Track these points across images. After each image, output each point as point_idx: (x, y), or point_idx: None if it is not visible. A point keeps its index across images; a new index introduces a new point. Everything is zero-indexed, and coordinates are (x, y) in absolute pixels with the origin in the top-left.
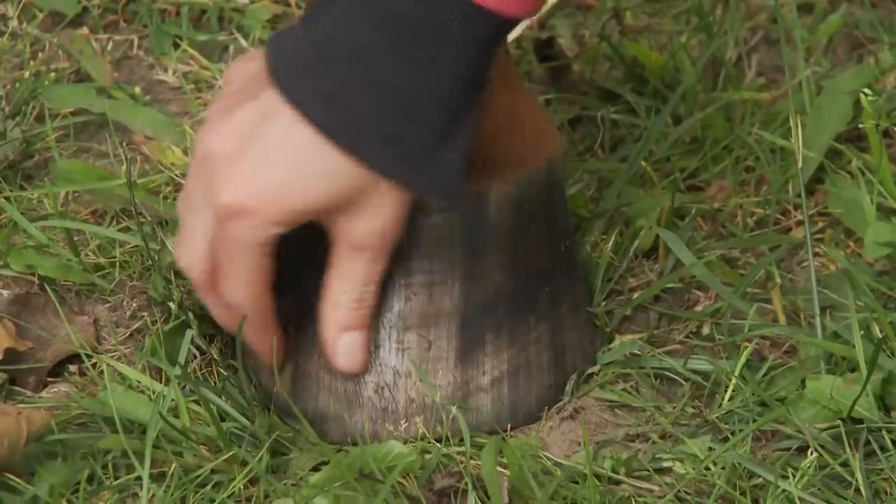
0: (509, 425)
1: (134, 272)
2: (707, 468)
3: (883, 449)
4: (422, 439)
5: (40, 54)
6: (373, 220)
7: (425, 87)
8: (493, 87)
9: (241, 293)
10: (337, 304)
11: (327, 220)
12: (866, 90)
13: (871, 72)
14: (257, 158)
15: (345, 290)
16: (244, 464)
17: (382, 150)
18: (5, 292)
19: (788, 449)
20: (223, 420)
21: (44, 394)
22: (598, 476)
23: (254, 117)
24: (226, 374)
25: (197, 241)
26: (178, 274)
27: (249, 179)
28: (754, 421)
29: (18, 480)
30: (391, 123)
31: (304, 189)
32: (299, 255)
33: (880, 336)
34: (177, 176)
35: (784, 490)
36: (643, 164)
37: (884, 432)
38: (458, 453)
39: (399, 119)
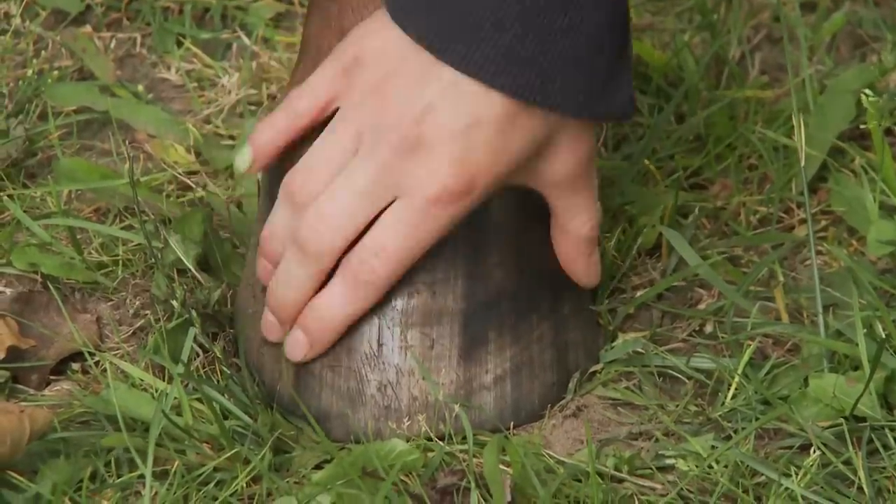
0: (512, 423)
1: (137, 270)
2: (710, 466)
3: (886, 447)
4: (425, 437)
5: (43, 52)
6: (576, 151)
7: (594, 24)
8: None
9: (388, 269)
10: (581, 236)
11: (523, 174)
12: (867, 91)
13: (874, 70)
14: (463, 136)
15: (586, 220)
16: (247, 462)
17: (568, 95)
18: (8, 290)
19: (791, 447)
20: (226, 418)
21: (46, 392)
22: (600, 474)
23: (441, 97)
24: (229, 372)
25: (352, 219)
26: (182, 272)
27: (464, 159)
28: (757, 419)
29: (21, 478)
30: (572, 67)
31: (510, 152)
32: None
33: (883, 334)
34: (180, 174)
35: (787, 488)
36: (646, 162)
37: (887, 431)
38: (461, 451)
39: (578, 61)
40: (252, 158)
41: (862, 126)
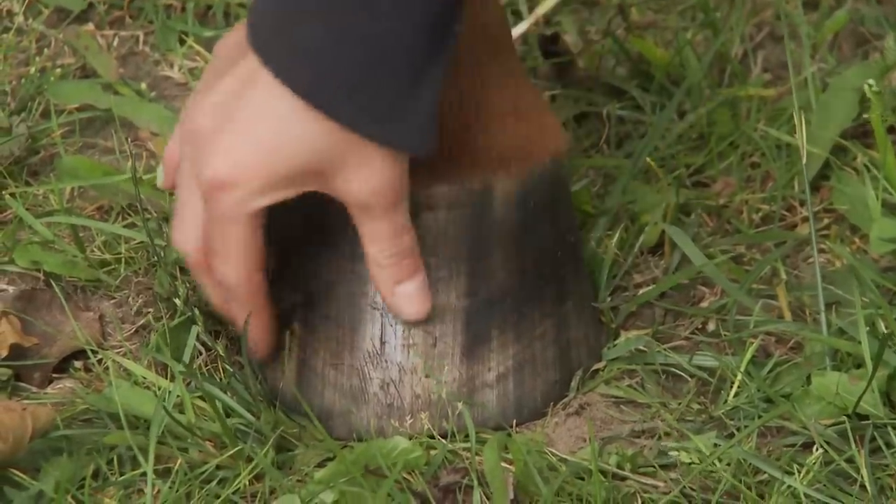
0: (514, 421)
1: (139, 268)
2: (712, 464)
3: (888, 445)
4: (427, 435)
5: (46, 50)
6: (368, 178)
7: (390, 36)
8: (498, 81)
9: (231, 272)
10: (379, 264)
11: (323, 185)
12: (870, 81)
13: (877, 68)
14: (239, 128)
15: (379, 249)
16: (249, 460)
17: (349, 105)
18: (11, 288)
19: (794, 445)
20: (228, 416)
21: (49, 390)
22: (603, 472)
23: (234, 87)
24: (231, 370)
25: (189, 220)
26: (184, 270)
27: (232, 150)
28: (760, 417)
29: (23, 476)
30: (357, 76)
31: (286, 154)
32: (304, 252)
33: (886, 332)
34: None
35: (789, 486)
36: (648, 160)
37: (889, 429)
38: (464, 449)
39: (365, 71)
40: (165, 177)
41: (865, 123)
